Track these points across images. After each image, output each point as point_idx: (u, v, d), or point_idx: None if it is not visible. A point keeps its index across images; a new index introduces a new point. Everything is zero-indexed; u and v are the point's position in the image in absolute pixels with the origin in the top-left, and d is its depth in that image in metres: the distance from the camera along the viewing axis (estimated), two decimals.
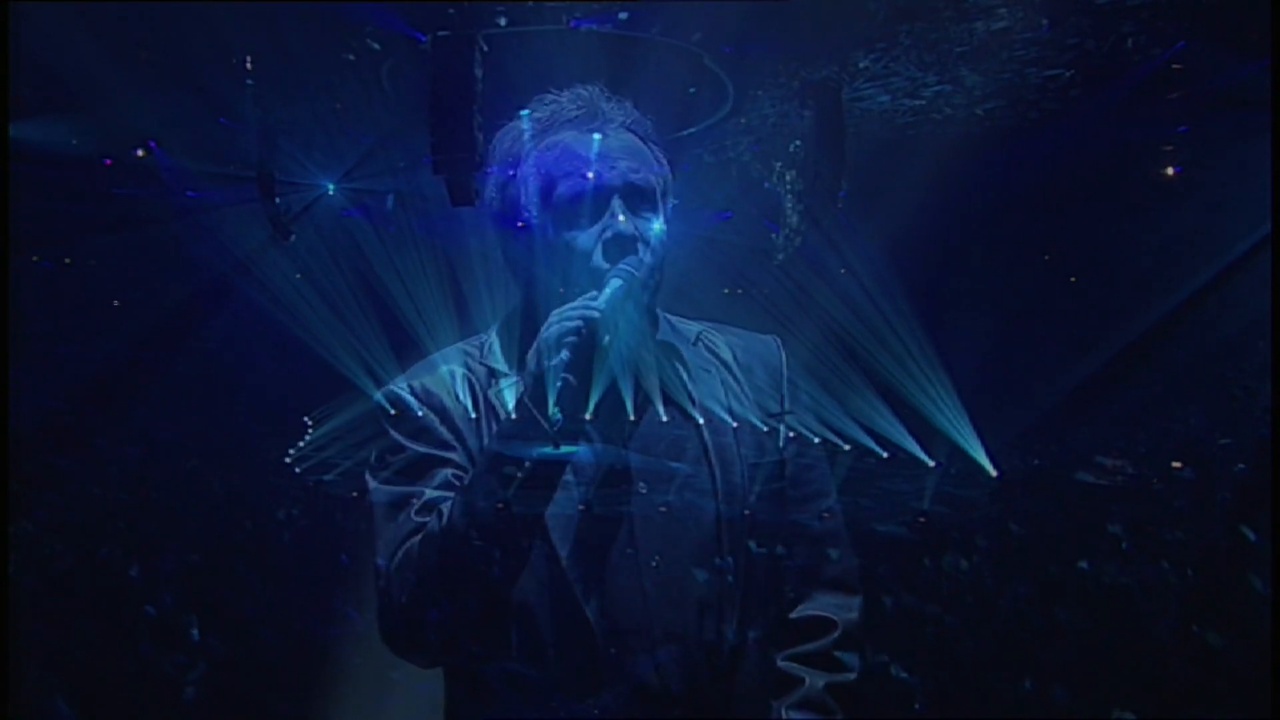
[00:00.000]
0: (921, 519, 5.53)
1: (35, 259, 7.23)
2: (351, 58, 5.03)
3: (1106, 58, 5.43)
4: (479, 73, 2.65)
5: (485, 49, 3.45)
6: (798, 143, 5.87)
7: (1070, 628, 4.54)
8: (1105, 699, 3.90)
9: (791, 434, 1.74)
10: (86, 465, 7.04)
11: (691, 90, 5.46)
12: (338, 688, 4.69)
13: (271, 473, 6.94)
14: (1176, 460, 6.49)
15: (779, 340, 1.82)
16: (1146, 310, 7.85)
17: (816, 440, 1.84)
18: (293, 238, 6.02)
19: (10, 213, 2.81)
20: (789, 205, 5.98)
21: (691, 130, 6.10)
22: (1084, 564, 5.13)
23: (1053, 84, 5.71)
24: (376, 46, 4.85)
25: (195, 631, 4.76)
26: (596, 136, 1.61)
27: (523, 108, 1.73)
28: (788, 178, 6.01)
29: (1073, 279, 8.30)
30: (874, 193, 6.18)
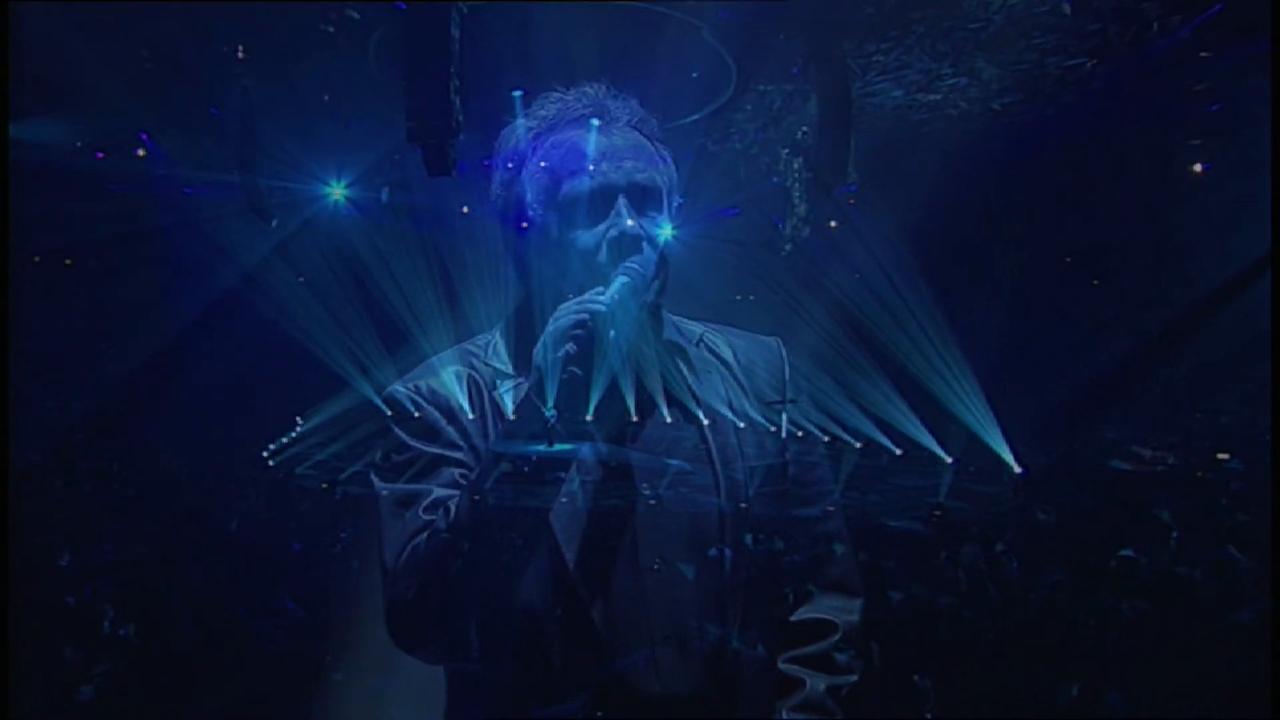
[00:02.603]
0: (937, 513, 5.53)
1: (36, 259, 7.31)
2: (331, 30, 5.04)
3: (1130, 45, 5.43)
4: (457, 34, 2.66)
5: (465, 10, 3.44)
6: (805, 129, 5.90)
7: (1114, 625, 4.36)
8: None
9: (800, 432, 1.81)
10: (65, 458, 7.12)
11: (694, 75, 5.46)
12: (287, 684, 4.65)
13: (249, 467, 7.01)
14: (1206, 449, 6.48)
15: (780, 342, 1.90)
16: (1172, 304, 7.88)
17: (826, 439, 1.91)
18: (275, 222, 6.02)
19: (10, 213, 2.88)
20: (796, 194, 6.01)
21: (695, 117, 6.13)
22: (1130, 553, 4.89)
23: (1072, 75, 5.72)
24: (356, 16, 4.89)
25: (152, 623, 4.74)
26: (602, 135, 1.69)
27: (503, 76, 1.80)
28: (795, 165, 6.03)
29: (1095, 282, 8.33)
30: (887, 191, 6.20)
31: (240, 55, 5.26)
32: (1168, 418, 7.93)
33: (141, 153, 6.33)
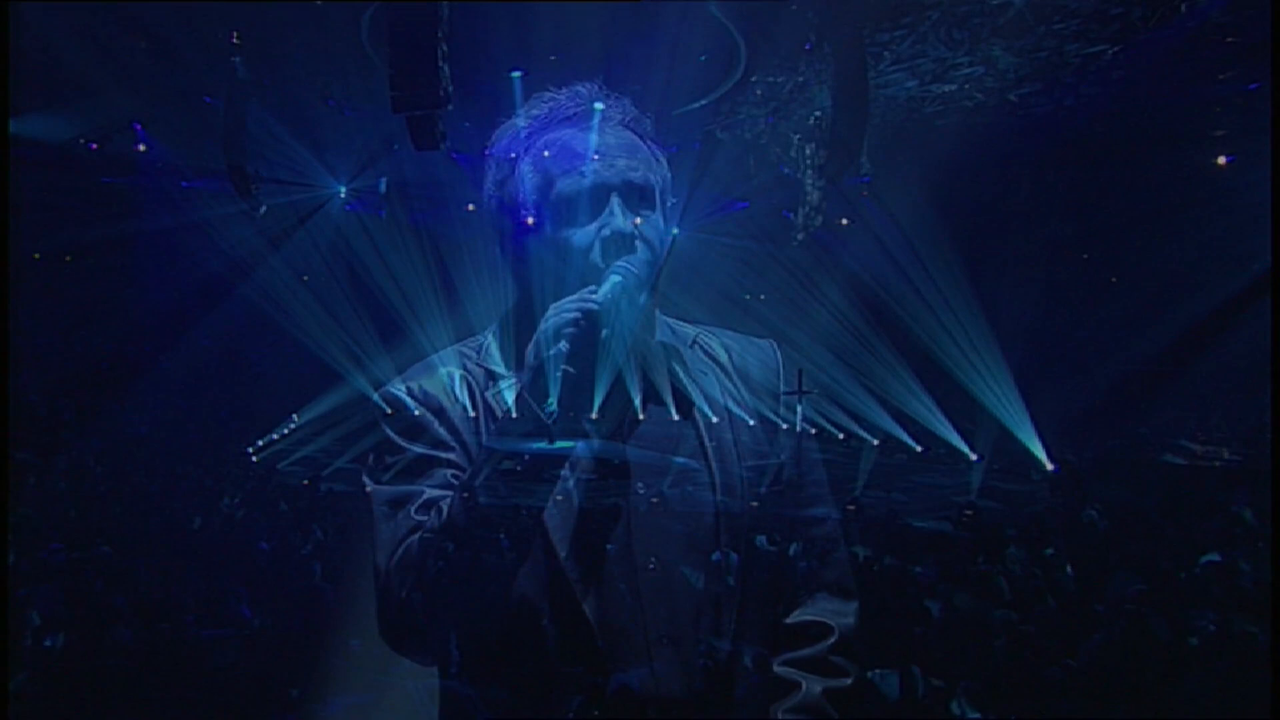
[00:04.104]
0: (969, 513, 5.34)
1: (36, 256, 7.39)
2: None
3: (1154, 29, 5.42)
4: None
5: None
6: (817, 114, 5.90)
7: (1228, 648, 3.46)
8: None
9: (813, 429, 1.85)
10: (50, 456, 7.17)
11: (702, 58, 5.48)
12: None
13: (230, 464, 7.03)
14: (1261, 441, 6.31)
15: (775, 343, 1.94)
16: (1204, 297, 7.86)
17: (841, 435, 1.92)
18: (263, 209, 6.01)
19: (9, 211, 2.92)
20: (808, 181, 6.01)
21: (703, 101, 6.12)
22: (1216, 558, 4.26)
23: (1093, 64, 5.72)
24: None
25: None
26: (595, 134, 1.74)
27: (502, 57, 1.83)
28: (806, 151, 6.02)
29: (1114, 279, 8.32)
30: (900, 185, 6.20)
31: (235, 40, 5.32)
32: (1205, 410, 7.88)
33: (143, 148, 6.39)
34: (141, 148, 6.45)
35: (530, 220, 1.76)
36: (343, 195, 6.66)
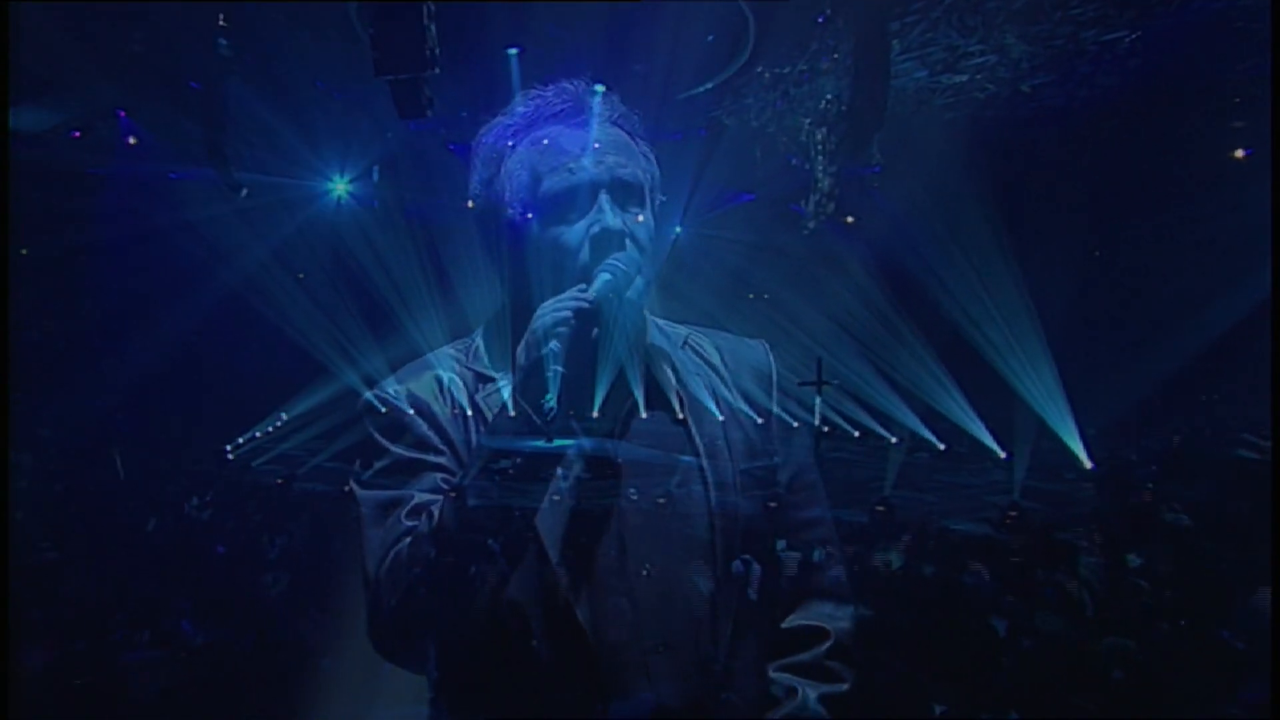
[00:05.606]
0: (1013, 514, 5.15)
1: (24, 252, 7.41)
2: None
3: (1175, 13, 5.39)
4: None
5: None
6: (829, 97, 5.87)
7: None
8: None
9: (826, 428, 1.87)
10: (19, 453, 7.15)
11: (709, 38, 5.44)
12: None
13: (200, 463, 7.03)
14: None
15: (767, 344, 1.96)
16: (1234, 290, 7.82)
17: (856, 433, 1.94)
18: (244, 191, 6.01)
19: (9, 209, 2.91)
20: (820, 168, 5.98)
21: (709, 85, 6.07)
22: None
23: (1109, 52, 5.69)
24: None
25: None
26: (584, 131, 1.76)
27: (498, 34, 1.82)
28: (818, 136, 6.00)
29: (1125, 284, 8.30)
30: (907, 180, 6.17)
31: (221, 22, 5.33)
32: (1244, 403, 7.81)
33: (133, 140, 6.41)
34: (132, 140, 6.45)
35: (518, 218, 1.77)
36: (339, 191, 6.65)
